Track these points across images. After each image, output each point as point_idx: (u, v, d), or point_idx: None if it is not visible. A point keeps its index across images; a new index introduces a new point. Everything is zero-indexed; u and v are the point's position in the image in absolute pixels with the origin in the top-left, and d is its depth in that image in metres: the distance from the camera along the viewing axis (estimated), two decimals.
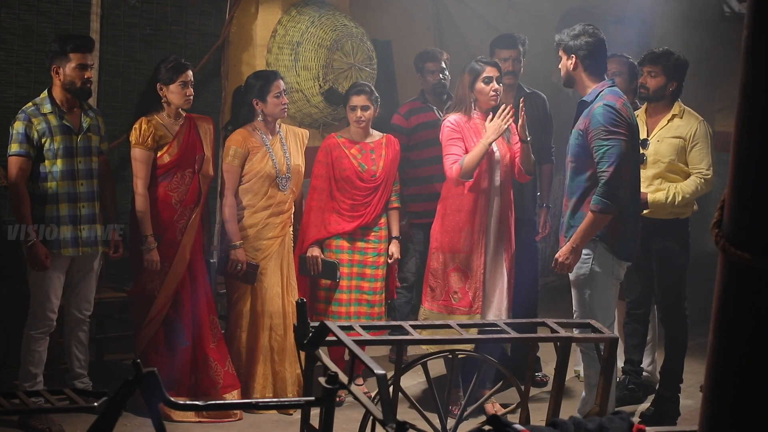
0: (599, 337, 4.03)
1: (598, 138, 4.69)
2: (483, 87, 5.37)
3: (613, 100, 4.75)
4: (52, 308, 5.19)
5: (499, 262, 5.44)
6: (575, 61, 4.84)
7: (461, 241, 5.40)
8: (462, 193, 5.41)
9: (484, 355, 4.12)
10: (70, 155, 5.14)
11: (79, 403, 2.95)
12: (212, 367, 5.32)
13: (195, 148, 5.36)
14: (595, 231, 4.72)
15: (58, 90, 5.13)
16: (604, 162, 4.66)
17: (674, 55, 5.59)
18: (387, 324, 4.22)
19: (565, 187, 4.98)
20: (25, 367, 5.19)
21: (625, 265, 4.92)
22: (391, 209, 5.88)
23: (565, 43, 4.85)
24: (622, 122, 4.72)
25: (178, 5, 6.36)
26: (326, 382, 3.15)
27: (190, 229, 5.34)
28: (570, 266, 4.77)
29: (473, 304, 5.39)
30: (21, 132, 5.01)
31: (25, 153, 5.01)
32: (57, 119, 5.10)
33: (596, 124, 4.70)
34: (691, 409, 5.78)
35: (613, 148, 4.66)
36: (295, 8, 6.54)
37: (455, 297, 5.42)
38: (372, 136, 5.84)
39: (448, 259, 5.44)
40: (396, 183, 5.89)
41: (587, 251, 4.79)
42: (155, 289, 5.28)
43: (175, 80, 5.22)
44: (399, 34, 7.78)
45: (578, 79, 4.88)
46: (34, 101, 5.14)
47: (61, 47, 5.08)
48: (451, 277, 5.43)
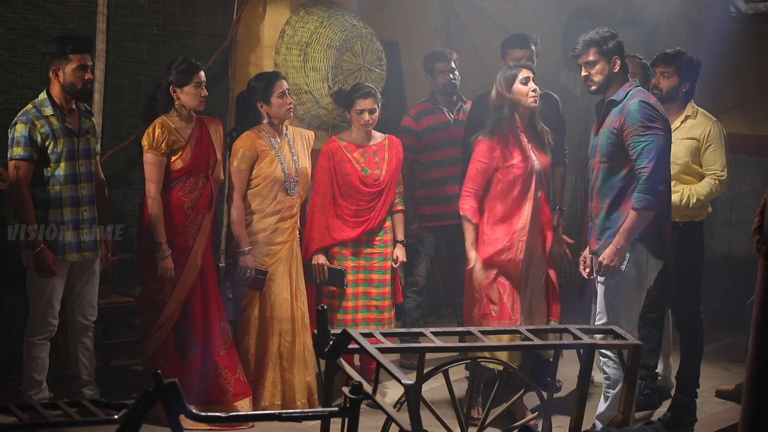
0: (623, 344, 3.95)
1: (635, 134, 4.63)
2: (522, 88, 5.17)
3: (646, 97, 4.72)
4: (54, 314, 5.10)
5: (537, 272, 5.31)
6: (620, 63, 4.77)
7: (500, 251, 5.23)
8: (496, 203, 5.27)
9: (506, 363, 4.02)
10: (73, 158, 5.04)
11: (99, 415, 2.85)
12: (223, 374, 5.22)
13: (208, 152, 5.25)
14: (639, 229, 4.65)
15: (57, 91, 5.02)
16: (644, 158, 4.61)
17: (687, 56, 5.51)
18: (408, 331, 4.11)
19: (592, 190, 4.88)
20: (28, 374, 5.10)
21: (659, 265, 4.84)
22: (396, 212, 5.74)
23: (604, 46, 4.75)
24: (659, 117, 4.68)
25: (185, 5, 6.26)
26: (350, 392, 3.06)
27: (202, 234, 5.24)
28: (616, 268, 4.68)
29: (513, 316, 5.22)
30: (24, 135, 4.90)
31: (28, 156, 4.90)
32: (59, 122, 5.00)
33: (633, 120, 4.64)
34: (707, 414, 5.71)
35: (651, 144, 4.61)
36: (304, 8, 6.45)
37: (495, 310, 5.27)
38: (374, 138, 5.69)
39: (486, 271, 5.24)
40: (399, 185, 5.75)
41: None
42: (165, 295, 5.17)
43: (189, 82, 5.12)
44: (406, 34, 7.72)
45: (616, 82, 4.78)
46: (34, 103, 5.02)
47: (60, 48, 4.97)
48: (490, 289, 5.25)
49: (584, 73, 4.84)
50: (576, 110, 7.97)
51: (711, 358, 5.87)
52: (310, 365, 5.51)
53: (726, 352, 6.82)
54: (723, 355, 6.74)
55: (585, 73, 4.84)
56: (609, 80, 4.79)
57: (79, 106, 5.13)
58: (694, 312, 5.55)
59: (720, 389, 6.07)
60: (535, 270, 5.29)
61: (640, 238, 4.70)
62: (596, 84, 4.81)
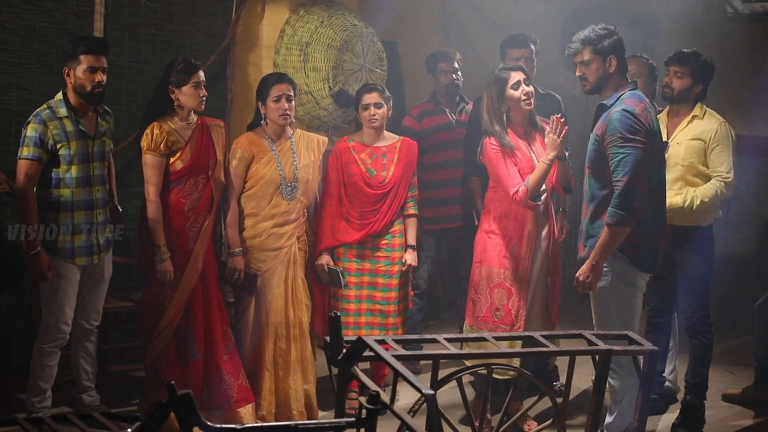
0: (639, 350, 3.89)
1: (613, 145, 4.46)
2: (513, 93, 5.08)
3: (632, 105, 4.50)
4: (66, 320, 5.01)
5: (541, 277, 5.23)
6: (615, 63, 4.61)
7: (507, 254, 5.16)
8: (505, 205, 5.18)
9: (521, 369, 3.95)
10: (86, 161, 4.95)
11: (112, 429, 2.76)
12: (225, 380, 5.11)
13: (208, 153, 5.15)
14: (614, 245, 4.49)
15: (71, 93, 4.93)
16: (619, 171, 4.43)
17: (702, 57, 5.44)
18: (421, 338, 4.02)
19: (583, 193, 4.80)
20: (34, 381, 5.01)
21: (647, 276, 4.70)
22: (407, 216, 5.61)
23: (600, 45, 4.59)
24: (640, 129, 4.46)
25: (184, 4, 6.18)
26: (368, 402, 2.98)
27: (203, 237, 5.13)
28: (592, 284, 4.54)
29: (516, 322, 5.15)
30: (35, 136, 4.80)
31: (37, 158, 4.81)
32: (73, 124, 4.91)
33: (612, 131, 4.46)
34: (715, 418, 5.66)
35: (628, 156, 4.42)
36: (303, 8, 6.37)
37: (497, 314, 5.21)
38: (385, 140, 5.56)
39: (493, 274, 5.19)
40: (413, 189, 5.62)
41: (605, 264, 4.58)
42: (166, 298, 5.07)
43: (187, 82, 5.02)
44: (405, 35, 7.65)
45: (611, 82, 4.62)
46: (49, 104, 4.92)
47: (72, 49, 4.88)
48: (495, 293, 5.19)
49: (579, 72, 4.70)
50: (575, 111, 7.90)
51: (714, 361, 5.81)
52: (308, 373, 5.41)
53: (729, 355, 6.78)
54: (727, 358, 6.69)
55: (579, 73, 4.70)
56: (604, 80, 4.63)
57: (96, 108, 5.04)
58: (704, 315, 5.49)
59: (726, 393, 6.02)
60: (539, 275, 5.21)
61: (622, 251, 4.55)
62: (590, 84, 4.66)
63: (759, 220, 8.51)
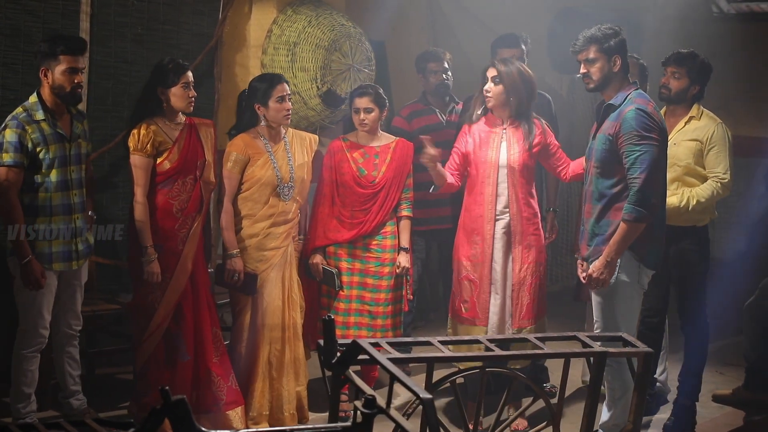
0: (634, 351, 3.87)
1: (629, 143, 4.52)
2: (486, 86, 5.23)
3: (644, 104, 4.58)
4: (45, 324, 4.95)
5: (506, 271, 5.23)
6: (620, 62, 4.64)
7: (471, 248, 5.23)
8: (470, 198, 5.25)
9: (515, 371, 3.93)
10: (64, 164, 4.87)
11: None
12: (215, 382, 5.07)
13: (196, 153, 5.10)
14: (629, 241, 4.54)
15: (47, 93, 4.83)
16: (636, 168, 4.50)
17: (700, 58, 5.42)
18: (415, 341, 3.98)
19: (586, 193, 4.79)
20: (17, 387, 4.95)
21: (650, 273, 4.74)
22: (401, 218, 5.57)
23: (605, 44, 4.62)
24: (655, 127, 4.55)
25: (171, 4, 6.12)
26: (364, 406, 2.94)
27: (192, 238, 5.08)
28: (606, 281, 4.58)
29: (479, 315, 5.21)
30: (14, 141, 4.70)
31: (18, 163, 4.72)
32: (50, 127, 4.82)
33: (628, 128, 4.52)
34: (706, 419, 5.65)
35: (645, 154, 4.50)
36: (291, 7, 6.32)
37: (465, 306, 5.25)
38: (380, 140, 5.53)
39: (460, 267, 5.30)
40: (407, 191, 5.58)
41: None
42: (156, 300, 5.02)
43: (176, 82, 4.96)
44: (392, 34, 7.60)
45: (615, 82, 4.66)
46: (24, 106, 4.83)
47: (50, 48, 4.78)
48: (463, 285, 5.26)
49: (583, 70, 4.71)
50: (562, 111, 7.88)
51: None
52: (301, 375, 5.39)
53: (718, 355, 6.77)
54: (716, 359, 6.67)
55: (584, 70, 4.71)
56: (607, 79, 4.67)
57: (70, 109, 4.95)
58: (700, 315, 5.48)
59: (717, 394, 6.01)
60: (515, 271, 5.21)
61: (630, 247, 4.60)
62: (594, 82, 4.69)
63: (746, 220, 8.51)
